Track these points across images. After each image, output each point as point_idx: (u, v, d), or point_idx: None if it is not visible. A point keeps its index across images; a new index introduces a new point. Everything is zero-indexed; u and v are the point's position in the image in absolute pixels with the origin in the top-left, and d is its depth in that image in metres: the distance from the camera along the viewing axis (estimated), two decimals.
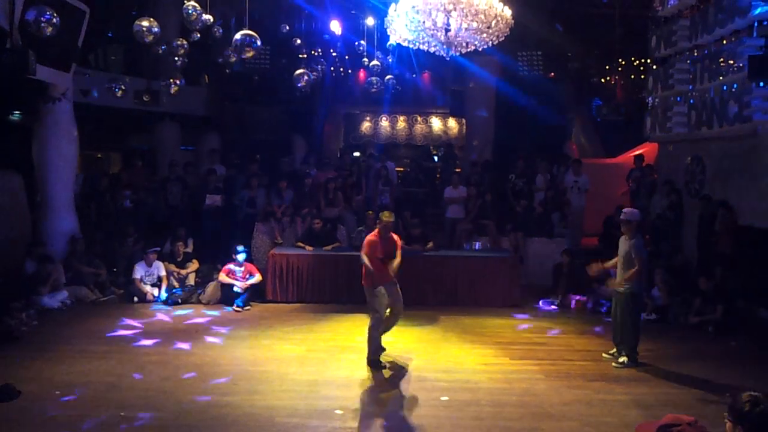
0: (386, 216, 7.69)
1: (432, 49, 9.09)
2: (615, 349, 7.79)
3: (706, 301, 9.36)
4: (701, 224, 11.25)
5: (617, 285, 7.72)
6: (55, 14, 7.86)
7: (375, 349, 7.54)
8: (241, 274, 10.39)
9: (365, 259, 7.38)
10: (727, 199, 10.82)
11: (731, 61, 10.02)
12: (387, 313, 7.59)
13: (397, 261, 7.56)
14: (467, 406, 6.23)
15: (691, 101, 11.51)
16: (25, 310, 9.00)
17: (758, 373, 7.41)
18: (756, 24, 9.57)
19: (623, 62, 19.12)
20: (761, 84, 9.34)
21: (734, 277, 10.04)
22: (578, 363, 7.68)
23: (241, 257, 10.46)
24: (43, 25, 7.80)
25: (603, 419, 5.97)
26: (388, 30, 9.19)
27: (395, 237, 7.78)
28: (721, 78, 10.36)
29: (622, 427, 5.77)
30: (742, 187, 10.71)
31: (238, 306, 10.05)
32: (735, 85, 10.00)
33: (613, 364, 7.61)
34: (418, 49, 9.32)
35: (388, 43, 12.71)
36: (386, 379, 7.06)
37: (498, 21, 8.27)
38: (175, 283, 10.72)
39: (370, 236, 7.61)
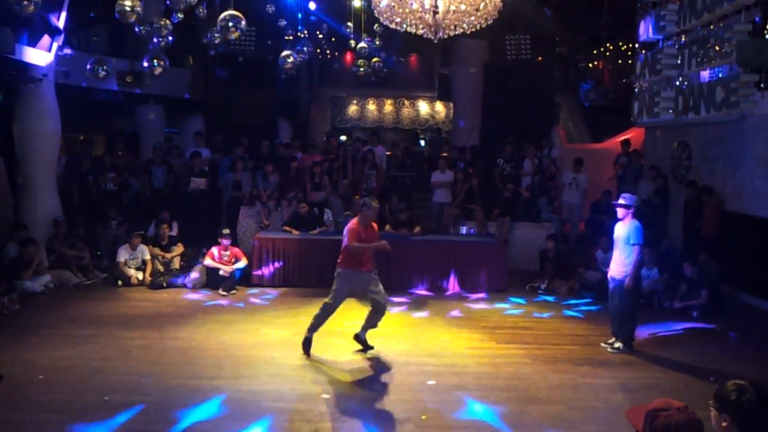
0: (374, 201, 7.48)
1: (419, 32, 8.99)
2: (613, 338, 7.69)
3: (690, 286, 9.42)
4: (687, 210, 11.32)
5: (615, 273, 7.58)
6: None
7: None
8: (227, 258, 10.32)
9: (354, 244, 7.05)
10: (713, 185, 10.89)
11: (718, 47, 10.01)
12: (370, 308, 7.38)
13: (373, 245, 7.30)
14: (454, 390, 6.23)
15: (678, 84, 11.51)
16: (7, 293, 8.91)
17: (742, 357, 7.49)
18: (743, 9, 9.58)
19: (611, 47, 19.16)
20: (748, 69, 9.37)
21: (719, 263, 10.13)
22: (565, 347, 7.70)
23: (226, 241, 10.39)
24: (24, 3, 7.63)
25: (589, 403, 6.00)
26: (375, 12, 9.09)
27: (374, 225, 7.52)
28: (708, 63, 10.36)
29: (608, 411, 5.80)
30: (728, 172, 10.77)
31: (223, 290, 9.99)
32: (722, 71, 10.01)
33: (609, 349, 7.58)
34: (406, 31, 9.21)
35: (376, 26, 12.59)
36: (373, 364, 7.05)
37: (486, 4, 8.19)
38: (160, 267, 10.62)
39: (352, 225, 7.25)
